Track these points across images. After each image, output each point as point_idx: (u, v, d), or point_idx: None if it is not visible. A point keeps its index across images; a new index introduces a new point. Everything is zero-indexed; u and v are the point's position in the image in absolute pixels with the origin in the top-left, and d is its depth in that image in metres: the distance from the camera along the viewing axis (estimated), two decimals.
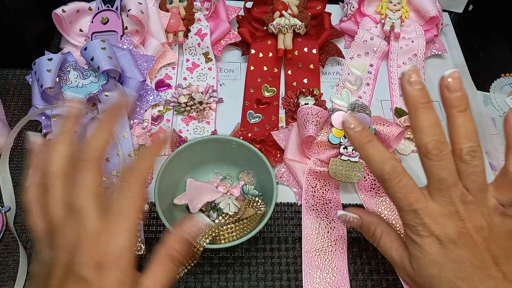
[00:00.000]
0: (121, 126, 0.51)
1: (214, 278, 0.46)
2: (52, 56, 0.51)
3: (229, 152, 0.48)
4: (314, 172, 0.50)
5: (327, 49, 0.62)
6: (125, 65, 0.54)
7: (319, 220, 0.49)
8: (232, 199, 0.46)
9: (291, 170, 0.51)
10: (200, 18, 0.62)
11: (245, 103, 0.58)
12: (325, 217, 0.49)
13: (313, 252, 0.47)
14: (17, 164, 0.52)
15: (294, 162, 0.51)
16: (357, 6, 0.65)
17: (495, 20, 0.73)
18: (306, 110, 0.49)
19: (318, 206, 0.50)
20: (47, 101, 0.53)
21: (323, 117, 0.49)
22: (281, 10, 0.59)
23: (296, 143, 0.51)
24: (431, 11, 0.63)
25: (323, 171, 0.50)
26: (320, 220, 0.49)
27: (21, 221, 0.48)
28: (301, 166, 0.51)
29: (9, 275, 0.45)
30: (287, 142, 0.52)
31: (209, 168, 0.51)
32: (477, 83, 0.63)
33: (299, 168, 0.51)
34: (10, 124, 0.55)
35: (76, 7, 0.58)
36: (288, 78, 0.60)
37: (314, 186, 0.50)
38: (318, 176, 0.50)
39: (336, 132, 0.49)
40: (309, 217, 0.49)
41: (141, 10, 0.57)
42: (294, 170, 0.51)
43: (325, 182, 0.51)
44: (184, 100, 0.56)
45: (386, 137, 0.49)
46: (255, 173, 0.49)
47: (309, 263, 0.46)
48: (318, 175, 0.50)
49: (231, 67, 0.63)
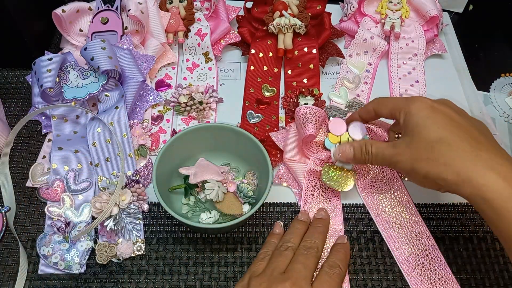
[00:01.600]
0: (121, 126, 0.51)
1: (214, 278, 0.46)
2: (52, 56, 0.51)
3: (243, 146, 0.49)
4: (314, 172, 0.50)
5: (327, 49, 0.62)
6: (125, 65, 0.54)
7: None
8: (222, 189, 0.46)
9: (290, 170, 0.51)
10: (200, 18, 0.62)
11: (245, 103, 0.58)
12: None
13: None
14: (17, 164, 0.52)
15: (293, 162, 0.51)
16: (357, 6, 0.65)
17: (495, 20, 0.73)
18: (304, 110, 0.49)
19: (317, 206, 0.50)
20: (47, 101, 0.53)
21: (321, 116, 0.50)
22: (281, 10, 0.59)
23: (294, 144, 0.51)
24: (431, 11, 0.63)
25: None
26: None
27: (21, 221, 0.48)
28: (300, 166, 0.51)
29: (9, 275, 0.45)
30: (285, 142, 0.52)
31: (222, 156, 0.51)
32: (477, 83, 0.63)
33: (299, 168, 0.51)
34: (10, 124, 0.55)
35: (76, 7, 0.58)
36: (288, 78, 0.60)
37: (313, 185, 0.50)
38: (319, 175, 0.50)
39: (332, 137, 0.50)
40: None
41: (141, 10, 0.57)
42: (293, 170, 0.51)
43: None
44: (184, 100, 0.56)
45: (381, 135, 0.51)
46: (259, 175, 0.50)
47: None
48: (318, 175, 0.50)
49: (231, 67, 0.63)
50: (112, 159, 0.50)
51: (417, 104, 0.41)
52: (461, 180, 0.36)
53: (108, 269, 0.46)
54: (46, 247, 0.45)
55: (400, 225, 0.49)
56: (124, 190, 0.47)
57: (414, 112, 0.40)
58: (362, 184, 0.52)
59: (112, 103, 0.53)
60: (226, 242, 0.48)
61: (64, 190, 0.49)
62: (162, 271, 0.46)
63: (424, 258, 0.47)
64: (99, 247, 0.46)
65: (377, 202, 0.51)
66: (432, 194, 0.52)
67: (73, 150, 0.51)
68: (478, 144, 0.37)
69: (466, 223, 0.50)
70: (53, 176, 0.49)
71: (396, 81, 0.62)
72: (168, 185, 0.49)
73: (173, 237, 0.48)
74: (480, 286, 0.46)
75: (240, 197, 0.47)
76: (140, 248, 0.47)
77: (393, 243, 0.48)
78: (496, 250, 0.49)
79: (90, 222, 0.47)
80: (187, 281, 0.46)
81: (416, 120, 0.40)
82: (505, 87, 0.64)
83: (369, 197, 0.51)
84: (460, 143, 0.37)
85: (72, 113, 0.53)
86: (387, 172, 0.52)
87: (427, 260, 0.47)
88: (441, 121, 0.39)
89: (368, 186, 0.51)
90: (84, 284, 0.45)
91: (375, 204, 0.51)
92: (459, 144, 0.37)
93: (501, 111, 0.61)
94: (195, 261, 0.47)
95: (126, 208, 0.48)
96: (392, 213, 0.50)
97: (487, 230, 0.50)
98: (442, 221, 0.50)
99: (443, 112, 0.40)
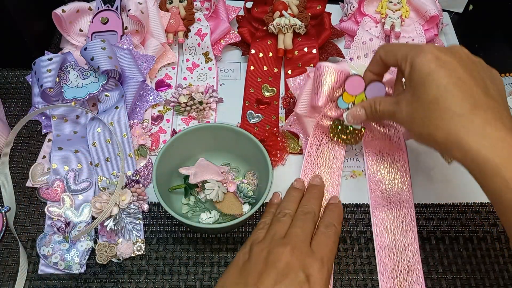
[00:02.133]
0: (121, 126, 0.51)
1: (214, 278, 0.46)
2: (52, 56, 0.51)
3: (243, 146, 0.49)
4: (322, 126, 0.51)
5: (327, 49, 0.62)
6: (125, 65, 0.54)
7: (317, 172, 0.51)
8: (222, 189, 0.46)
9: (300, 120, 0.52)
10: (200, 18, 0.61)
11: (245, 103, 0.58)
12: (325, 172, 0.51)
13: None
14: (17, 164, 0.52)
15: (304, 117, 0.52)
16: (357, 5, 0.65)
17: (495, 20, 0.73)
18: (325, 69, 0.47)
19: (320, 160, 0.51)
20: (47, 101, 0.53)
21: (341, 80, 0.48)
22: (281, 10, 0.59)
23: (308, 96, 0.51)
24: (431, 11, 0.63)
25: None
26: (318, 173, 0.51)
27: (21, 221, 0.48)
28: (310, 120, 0.52)
29: (9, 275, 0.45)
30: (300, 94, 0.52)
31: (222, 156, 0.52)
32: None
33: (309, 122, 0.51)
34: (10, 124, 0.55)
35: (76, 7, 0.58)
36: (288, 78, 0.60)
37: (320, 139, 0.51)
38: (326, 131, 0.51)
39: (347, 97, 0.48)
40: (307, 170, 0.51)
41: (141, 10, 0.57)
42: (303, 121, 0.52)
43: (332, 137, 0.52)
44: (184, 100, 0.56)
45: None
46: (259, 175, 0.50)
47: None
48: (326, 130, 0.51)
49: (231, 67, 0.63)
50: (112, 159, 0.50)
51: (422, 57, 0.38)
52: (449, 143, 0.35)
53: (108, 269, 0.46)
54: (46, 247, 0.45)
55: (389, 194, 0.50)
56: (124, 190, 0.47)
57: (418, 67, 0.38)
58: (369, 145, 0.53)
59: (112, 103, 0.53)
60: (226, 242, 0.48)
61: (64, 190, 0.49)
62: (162, 271, 0.46)
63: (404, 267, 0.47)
64: (99, 247, 0.46)
65: (377, 163, 0.52)
66: (432, 194, 0.52)
67: (73, 150, 0.51)
68: (476, 105, 0.35)
69: (466, 223, 0.50)
70: (53, 176, 0.49)
71: None
72: (168, 185, 0.49)
73: (173, 237, 0.48)
74: (480, 286, 0.46)
75: (240, 197, 0.47)
76: (140, 248, 0.47)
77: (376, 215, 0.50)
78: (496, 250, 0.49)
79: (90, 222, 0.47)
80: (187, 281, 0.46)
81: (418, 76, 0.38)
82: (505, 87, 0.64)
83: (370, 158, 0.53)
84: (457, 103, 0.35)
85: (72, 113, 0.53)
86: (394, 137, 0.52)
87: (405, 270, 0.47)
88: (442, 79, 0.36)
89: (374, 150, 0.53)
90: (84, 284, 0.45)
91: (375, 164, 0.52)
92: (455, 104, 0.35)
93: None
94: (195, 261, 0.47)
95: (126, 208, 0.48)
96: (387, 176, 0.51)
97: (487, 230, 0.50)
98: (442, 221, 0.50)
99: (448, 67, 0.37)
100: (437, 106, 0.36)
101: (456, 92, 0.36)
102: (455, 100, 0.36)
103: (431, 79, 0.37)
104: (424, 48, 0.38)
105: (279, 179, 0.52)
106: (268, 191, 0.44)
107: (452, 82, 0.36)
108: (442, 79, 0.36)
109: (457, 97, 0.36)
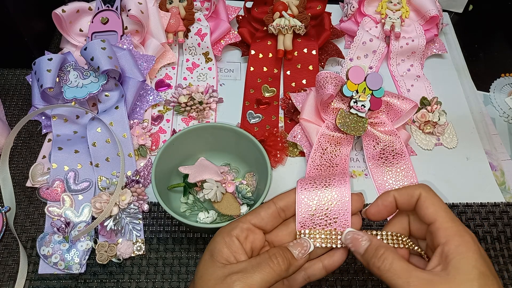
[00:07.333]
0: (121, 126, 0.51)
1: None
2: (52, 56, 0.51)
3: (242, 147, 0.49)
4: (327, 135, 0.51)
5: (327, 49, 0.62)
6: (125, 65, 0.54)
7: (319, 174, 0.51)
8: (220, 189, 0.46)
9: (305, 130, 0.52)
10: (200, 18, 0.62)
11: (245, 103, 0.58)
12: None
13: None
14: (17, 164, 0.52)
15: (309, 123, 0.52)
16: (357, 6, 0.65)
17: (495, 20, 0.73)
18: (325, 74, 0.51)
19: (323, 167, 0.51)
20: (47, 101, 0.53)
21: (340, 81, 0.51)
22: (281, 10, 0.59)
23: (313, 105, 0.53)
24: (431, 11, 0.63)
25: (335, 135, 0.51)
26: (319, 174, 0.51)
27: (21, 221, 0.48)
28: (315, 127, 0.52)
29: (9, 275, 0.45)
30: (304, 103, 0.53)
31: (222, 156, 0.52)
32: (477, 83, 0.63)
33: (313, 129, 0.52)
34: (10, 124, 0.55)
35: (76, 7, 0.58)
36: (287, 79, 0.60)
37: (324, 148, 0.51)
38: (330, 140, 0.51)
39: (350, 85, 0.51)
40: (310, 172, 0.51)
41: (141, 10, 0.57)
42: (307, 131, 0.52)
43: (336, 147, 0.52)
44: (184, 100, 0.56)
45: (399, 111, 0.52)
46: (258, 176, 0.50)
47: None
48: (330, 139, 0.51)
49: (231, 67, 0.63)
50: (112, 159, 0.50)
51: (470, 254, 0.31)
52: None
53: (108, 269, 0.46)
54: (46, 247, 0.45)
55: None
56: (124, 190, 0.47)
57: (463, 262, 0.31)
58: (371, 155, 0.53)
59: (112, 103, 0.53)
60: None
61: (64, 190, 0.49)
62: (162, 271, 0.46)
63: None
64: (99, 247, 0.46)
65: (382, 174, 0.52)
66: None
67: (73, 150, 0.51)
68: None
69: (466, 223, 0.50)
70: (53, 176, 0.49)
71: (399, 78, 0.62)
72: (168, 183, 0.49)
73: (173, 237, 0.48)
74: None
75: (238, 197, 0.47)
76: (140, 248, 0.47)
77: None
78: (496, 250, 0.49)
79: (90, 222, 0.47)
80: (187, 281, 0.45)
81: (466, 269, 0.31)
82: (505, 87, 0.64)
83: (375, 168, 0.53)
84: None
85: (72, 113, 0.53)
86: (397, 146, 0.52)
87: None
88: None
89: (376, 157, 0.52)
90: (84, 284, 0.45)
91: (381, 175, 0.52)
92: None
93: (501, 111, 0.61)
94: (195, 261, 0.47)
95: (126, 208, 0.48)
96: (395, 185, 0.51)
97: (487, 230, 0.50)
98: None
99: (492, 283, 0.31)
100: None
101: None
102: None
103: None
104: (470, 240, 0.32)
105: (279, 180, 0.52)
106: (267, 193, 0.44)
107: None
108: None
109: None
